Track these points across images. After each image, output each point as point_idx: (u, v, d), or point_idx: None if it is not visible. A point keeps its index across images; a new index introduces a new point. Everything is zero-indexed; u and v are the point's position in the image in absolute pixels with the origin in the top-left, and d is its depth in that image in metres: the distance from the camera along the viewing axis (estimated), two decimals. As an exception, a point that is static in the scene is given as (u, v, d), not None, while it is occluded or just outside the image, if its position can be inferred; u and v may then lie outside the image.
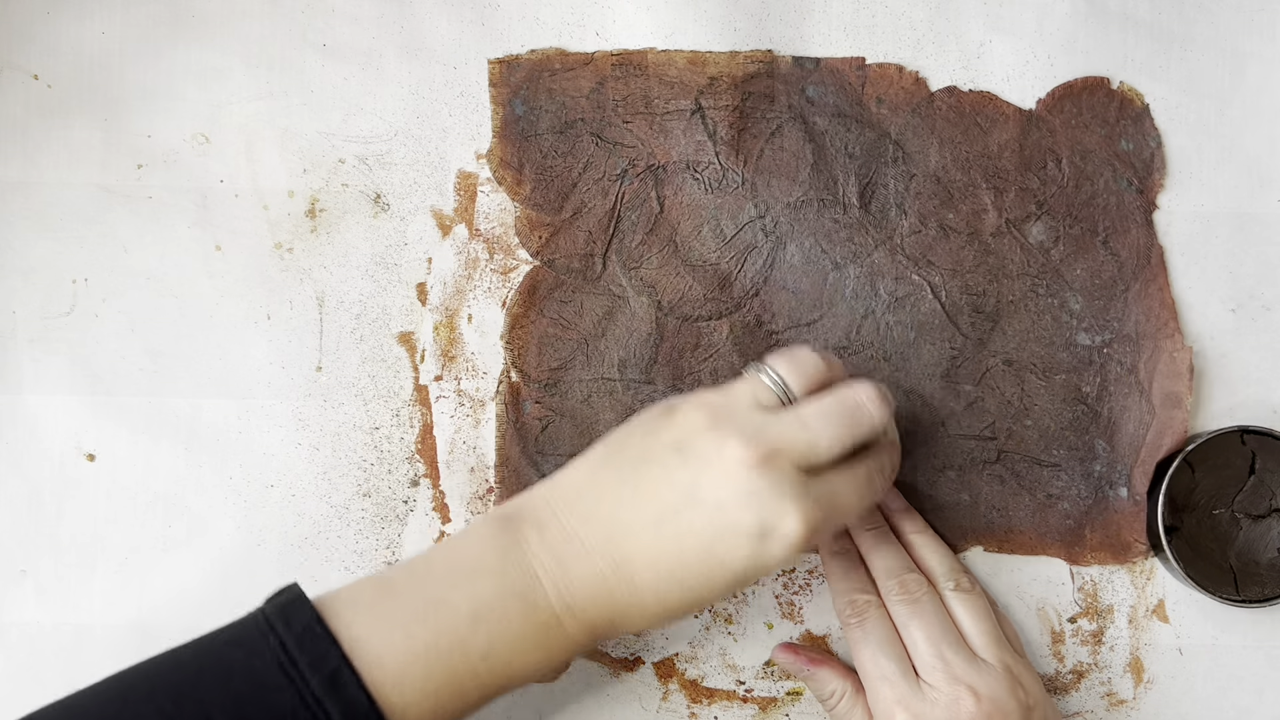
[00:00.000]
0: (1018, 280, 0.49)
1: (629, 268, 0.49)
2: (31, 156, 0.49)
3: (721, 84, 0.49)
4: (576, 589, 0.37)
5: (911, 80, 0.49)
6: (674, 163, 0.49)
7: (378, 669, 0.35)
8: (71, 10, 0.49)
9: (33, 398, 0.48)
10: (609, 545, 0.37)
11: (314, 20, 0.50)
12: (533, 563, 0.37)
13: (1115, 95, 0.49)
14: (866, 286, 0.49)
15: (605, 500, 0.38)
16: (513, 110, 0.49)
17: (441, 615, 0.36)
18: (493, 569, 0.37)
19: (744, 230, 0.49)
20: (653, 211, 0.49)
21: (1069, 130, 0.49)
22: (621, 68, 0.49)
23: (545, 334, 0.49)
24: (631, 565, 0.37)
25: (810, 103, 0.49)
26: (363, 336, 0.49)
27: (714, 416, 0.38)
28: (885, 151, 0.49)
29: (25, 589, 0.47)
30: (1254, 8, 0.50)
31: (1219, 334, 0.49)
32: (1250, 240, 0.49)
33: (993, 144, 0.49)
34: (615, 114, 0.49)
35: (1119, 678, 0.48)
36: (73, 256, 0.49)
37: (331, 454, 0.48)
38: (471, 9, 0.50)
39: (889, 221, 0.49)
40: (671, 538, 0.37)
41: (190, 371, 0.49)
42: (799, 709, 0.48)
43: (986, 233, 0.49)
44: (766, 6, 0.50)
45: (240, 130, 0.49)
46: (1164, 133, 0.50)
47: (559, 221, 0.49)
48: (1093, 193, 0.49)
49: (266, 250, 0.49)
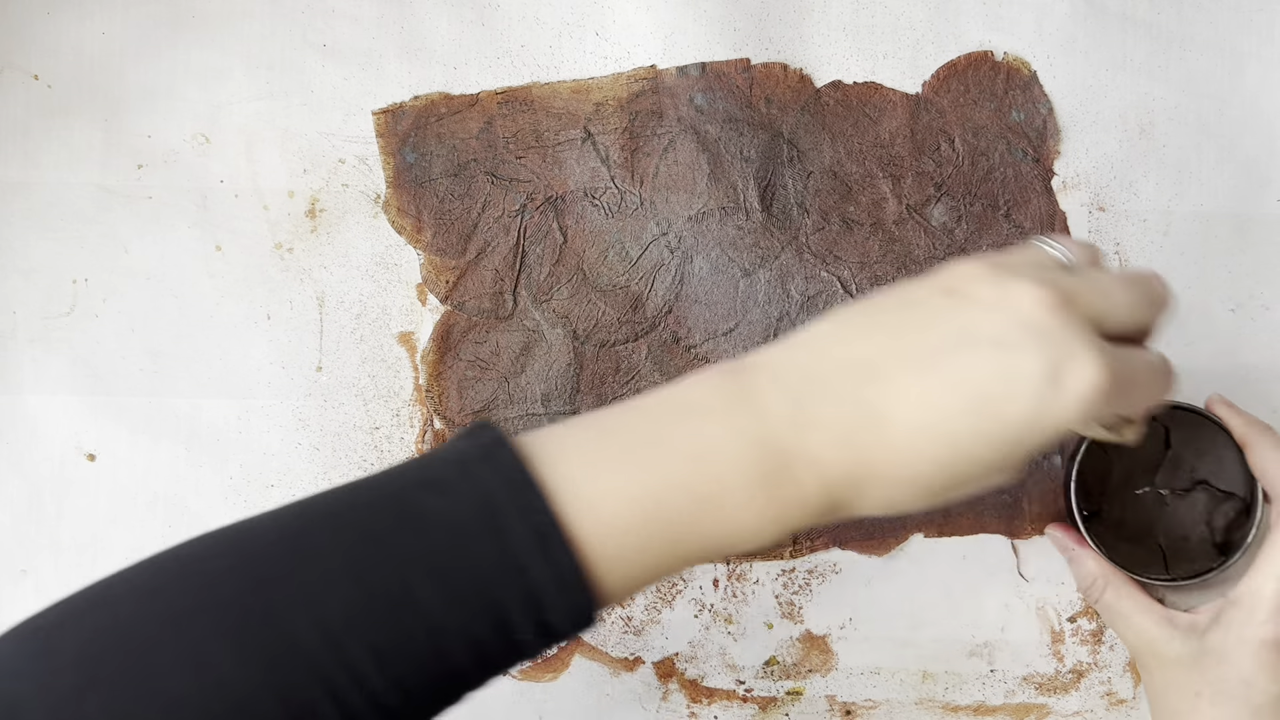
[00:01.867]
0: (925, 264, 0.49)
1: (540, 301, 0.49)
2: (31, 156, 0.49)
3: (608, 108, 0.49)
4: (817, 435, 0.31)
5: (797, 78, 0.50)
6: (571, 192, 0.49)
7: (589, 516, 0.30)
8: (71, 10, 0.49)
9: (33, 398, 0.48)
10: (860, 389, 0.31)
11: (314, 20, 0.50)
12: (766, 403, 0.32)
13: (1001, 67, 0.50)
14: (778, 289, 0.49)
15: (857, 343, 0.32)
16: (404, 159, 0.49)
17: (661, 455, 0.31)
18: (717, 409, 0.32)
19: (649, 250, 0.49)
20: (557, 242, 0.49)
21: (958, 109, 0.49)
22: (507, 105, 0.49)
23: (464, 378, 0.49)
24: (887, 414, 0.31)
25: (700, 112, 0.49)
26: (363, 336, 0.49)
27: (994, 265, 0.32)
28: (780, 152, 0.49)
29: (25, 589, 0.47)
30: (1253, 8, 0.50)
31: (1219, 334, 0.49)
32: (1250, 240, 0.49)
33: (884, 132, 0.49)
34: (507, 151, 0.49)
35: (1119, 677, 0.48)
36: (73, 256, 0.49)
37: (331, 454, 0.48)
38: (471, 9, 0.50)
39: (792, 222, 0.49)
40: (938, 382, 0.31)
41: (190, 371, 0.49)
42: (799, 709, 0.48)
43: (889, 221, 0.49)
44: (766, 6, 0.50)
45: (240, 130, 0.49)
46: (1164, 133, 0.50)
47: (464, 264, 0.49)
48: (989, 168, 0.49)
49: (266, 250, 0.49)
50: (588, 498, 0.30)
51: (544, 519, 0.29)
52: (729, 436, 0.31)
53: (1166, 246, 0.49)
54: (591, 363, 0.49)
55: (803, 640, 0.48)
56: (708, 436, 0.31)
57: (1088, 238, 0.49)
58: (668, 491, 0.31)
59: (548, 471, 0.30)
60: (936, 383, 0.31)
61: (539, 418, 0.48)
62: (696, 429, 0.31)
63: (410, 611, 0.29)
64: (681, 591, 0.48)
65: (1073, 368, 0.30)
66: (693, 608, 0.48)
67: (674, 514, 0.31)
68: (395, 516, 0.30)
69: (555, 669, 0.47)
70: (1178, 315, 0.49)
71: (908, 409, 0.31)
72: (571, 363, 0.49)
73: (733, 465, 0.31)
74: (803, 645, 0.48)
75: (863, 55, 0.50)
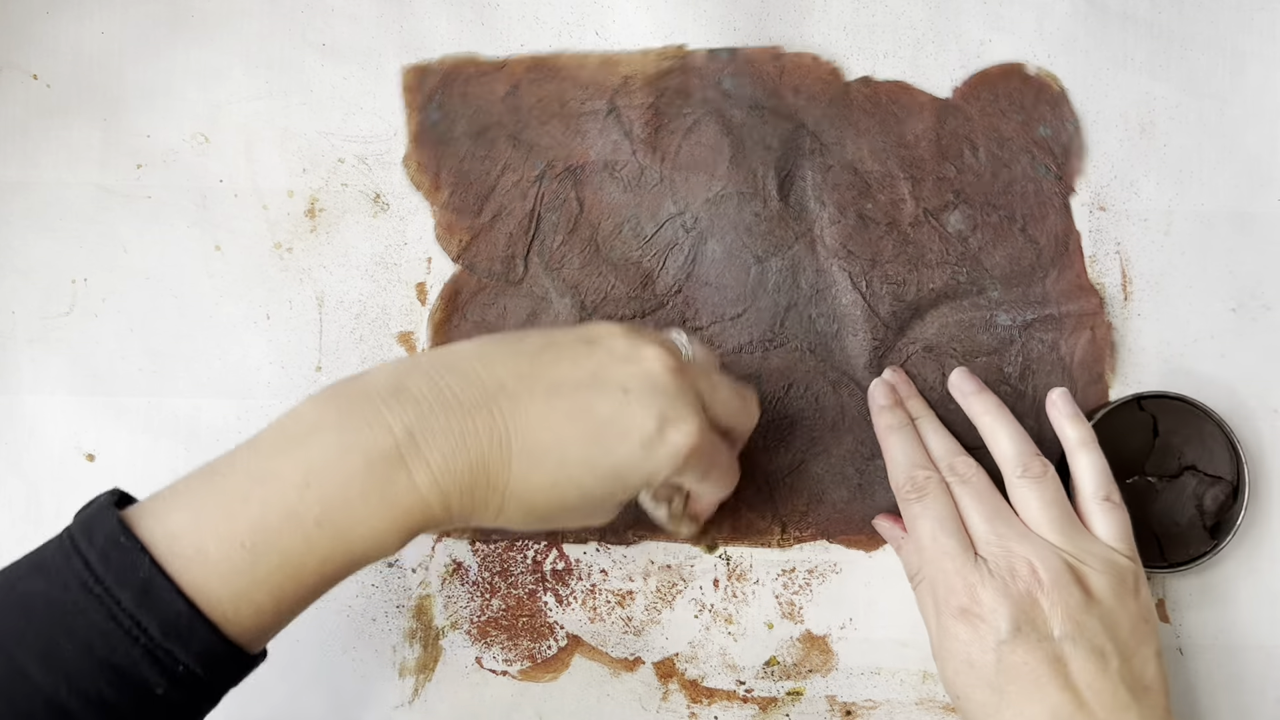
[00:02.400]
0: (937, 269, 0.49)
1: (551, 269, 0.48)
2: (31, 156, 0.49)
3: (635, 82, 0.49)
4: (437, 440, 0.33)
5: (828, 70, 0.49)
6: (592, 163, 0.49)
7: (199, 563, 0.31)
8: (71, 10, 0.49)
9: (33, 398, 0.48)
10: (487, 402, 0.34)
11: (314, 20, 0.50)
12: (383, 412, 0.33)
13: (1032, 81, 0.49)
14: (788, 279, 0.49)
15: (495, 364, 0.35)
16: (428, 116, 0.49)
17: (268, 488, 0.32)
18: (330, 425, 0.33)
19: (664, 228, 0.49)
20: (572, 212, 0.49)
21: (985, 118, 0.49)
22: (535, 71, 0.49)
23: (469, 338, 0.48)
24: (509, 428, 0.34)
25: (727, 95, 0.49)
26: (363, 336, 0.49)
27: (630, 329, 0.38)
28: (803, 143, 0.49)
29: (25, 589, 0.47)
30: (1254, 7, 0.50)
31: (1219, 334, 0.49)
32: (1250, 240, 0.49)
33: (909, 133, 0.49)
34: (531, 117, 0.49)
35: (1119, 677, 0.48)
36: (73, 256, 0.49)
37: (331, 454, 0.48)
38: (471, 9, 0.50)
39: (808, 213, 0.49)
40: (563, 411, 0.35)
41: (190, 371, 0.49)
42: (799, 709, 0.48)
43: (905, 222, 0.49)
44: (766, 6, 0.50)
45: (240, 130, 0.49)
46: (1165, 132, 0.50)
47: (479, 225, 0.49)
48: (1010, 180, 0.49)
49: (266, 250, 0.49)
50: (194, 545, 0.31)
51: (145, 576, 0.31)
52: (338, 456, 0.33)
53: (1167, 246, 0.49)
54: None
55: (803, 640, 0.48)
56: (316, 461, 0.32)
57: (1088, 238, 0.49)
58: (278, 523, 0.32)
59: (150, 527, 0.32)
60: (562, 410, 0.35)
61: None
62: (304, 456, 0.33)
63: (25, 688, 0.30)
64: (682, 592, 0.48)
65: (677, 425, 0.36)
66: (693, 608, 0.48)
67: (288, 543, 0.32)
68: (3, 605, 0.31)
69: (555, 669, 0.47)
70: (1178, 315, 0.49)
71: (530, 427, 0.34)
72: None
73: (346, 484, 0.32)
74: (803, 645, 0.48)
75: (863, 55, 0.50)
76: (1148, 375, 0.49)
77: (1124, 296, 0.49)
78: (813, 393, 0.48)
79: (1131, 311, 0.49)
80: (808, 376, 0.48)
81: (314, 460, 0.33)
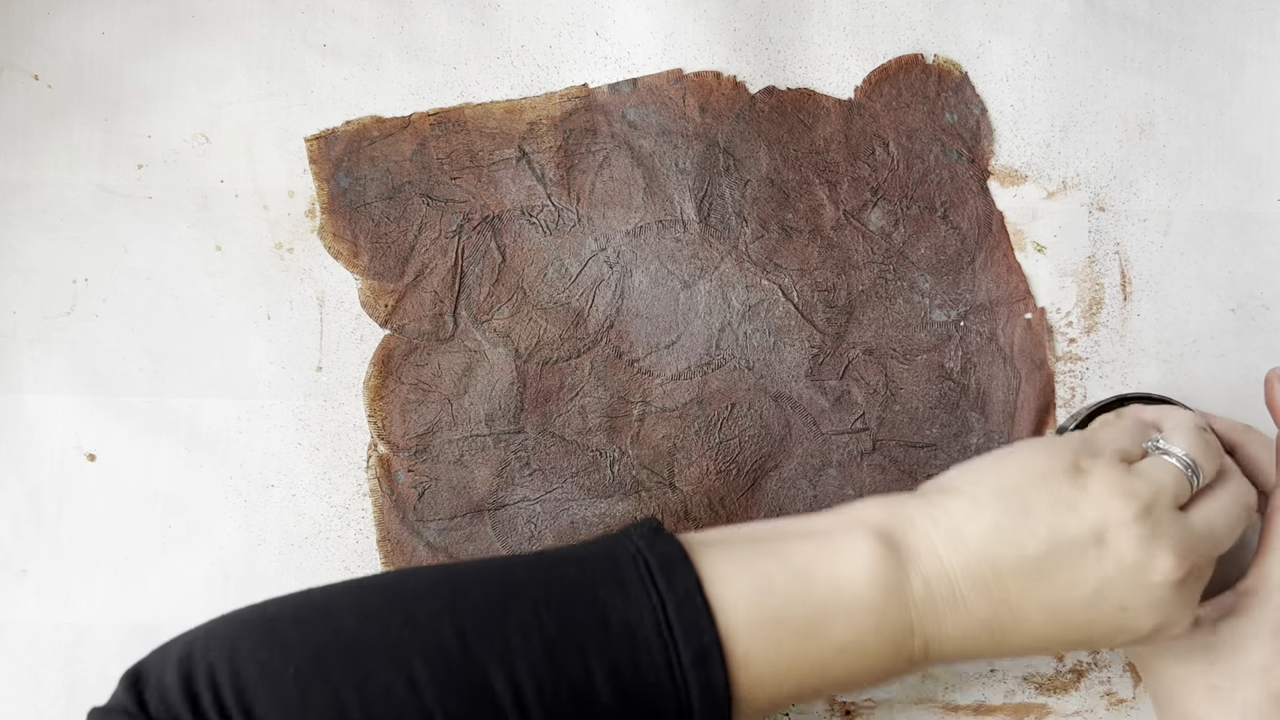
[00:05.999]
0: (865, 269, 0.49)
1: (481, 321, 0.48)
2: (31, 156, 0.49)
3: (541, 127, 0.49)
4: (947, 645, 0.37)
5: (730, 85, 0.49)
6: (508, 211, 0.49)
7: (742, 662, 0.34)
8: (71, 10, 0.49)
9: (33, 398, 0.48)
10: (993, 619, 0.37)
11: (314, 20, 0.50)
12: (912, 615, 0.37)
13: (932, 70, 0.50)
14: (719, 300, 0.49)
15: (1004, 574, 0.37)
16: (337, 184, 0.49)
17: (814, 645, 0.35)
18: (875, 607, 0.36)
19: (588, 266, 0.49)
20: (495, 262, 0.49)
21: (891, 112, 0.49)
22: (440, 126, 0.49)
23: (406, 401, 0.48)
24: (1006, 636, 0.37)
25: (633, 126, 0.49)
26: (363, 336, 0.49)
27: (1143, 513, 0.37)
28: (717, 161, 0.49)
29: (25, 589, 0.47)
30: (1253, 7, 0.50)
31: (1219, 334, 0.49)
32: (1250, 240, 0.49)
33: (818, 138, 0.49)
34: (442, 172, 0.49)
35: (1119, 677, 0.48)
36: (73, 256, 0.49)
37: (331, 454, 0.48)
38: (471, 9, 0.50)
39: (731, 231, 0.49)
40: (1059, 626, 0.37)
41: (190, 371, 0.49)
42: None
43: (827, 227, 0.49)
44: (766, 6, 0.50)
45: (240, 130, 0.49)
46: (1165, 132, 0.50)
47: (402, 286, 0.49)
48: (924, 170, 0.49)
49: (266, 250, 0.49)
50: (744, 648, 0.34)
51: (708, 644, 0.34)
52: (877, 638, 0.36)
53: (1166, 246, 0.49)
54: (535, 381, 0.48)
55: (803, 640, 0.48)
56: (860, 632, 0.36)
57: (1087, 238, 0.49)
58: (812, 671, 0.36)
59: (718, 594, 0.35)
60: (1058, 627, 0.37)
61: (483, 438, 0.48)
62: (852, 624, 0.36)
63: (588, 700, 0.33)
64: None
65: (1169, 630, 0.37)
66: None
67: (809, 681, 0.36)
68: (585, 607, 0.34)
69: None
70: (1177, 315, 0.49)
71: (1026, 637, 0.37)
72: (514, 382, 0.48)
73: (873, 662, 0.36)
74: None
75: (863, 55, 0.50)
76: (1147, 375, 0.49)
77: (1123, 297, 0.49)
78: (756, 410, 0.48)
79: (1131, 312, 0.49)
80: (750, 395, 0.49)
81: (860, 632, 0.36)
